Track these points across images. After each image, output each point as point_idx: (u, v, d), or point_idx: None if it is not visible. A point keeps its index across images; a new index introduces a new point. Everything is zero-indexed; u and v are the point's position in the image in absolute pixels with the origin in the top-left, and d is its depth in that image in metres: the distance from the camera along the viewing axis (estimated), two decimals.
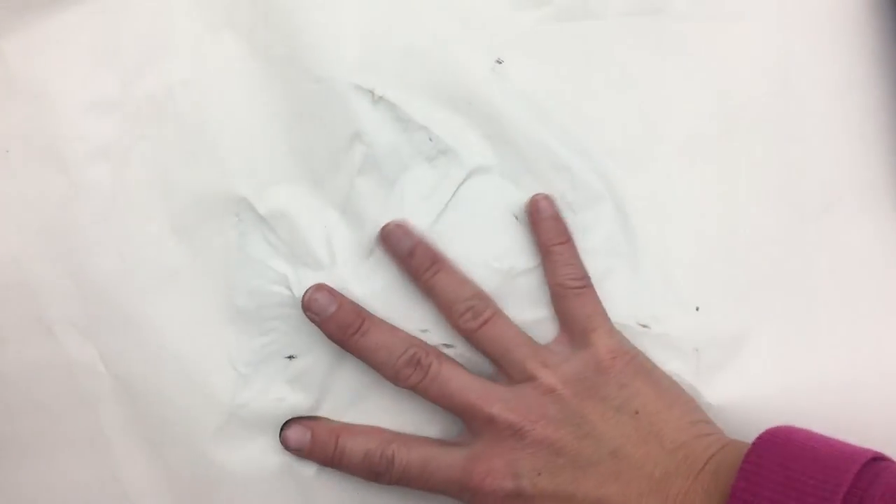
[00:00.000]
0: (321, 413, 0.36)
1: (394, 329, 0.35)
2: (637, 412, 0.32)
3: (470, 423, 0.33)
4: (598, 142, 0.36)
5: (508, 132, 0.36)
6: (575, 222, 0.36)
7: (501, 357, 0.34)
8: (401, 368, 0.33)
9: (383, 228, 0.35)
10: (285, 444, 0.35)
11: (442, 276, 0.34)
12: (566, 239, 0.35)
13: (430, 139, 0.36)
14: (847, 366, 0.35)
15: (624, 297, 0.35)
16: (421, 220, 0.36)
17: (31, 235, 0.37)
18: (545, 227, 0.35)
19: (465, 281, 0.35)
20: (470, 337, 0.34)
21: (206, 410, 0.36)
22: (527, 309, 0.35)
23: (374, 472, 0.34)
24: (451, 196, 0.36)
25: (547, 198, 0.35)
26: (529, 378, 0.33)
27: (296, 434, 0.35)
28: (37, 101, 0.37)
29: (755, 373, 0.35)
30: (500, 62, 0.36)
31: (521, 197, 0.36)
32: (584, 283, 0.35)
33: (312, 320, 0.35)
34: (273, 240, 0.36)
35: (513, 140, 0.36)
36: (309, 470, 0.35)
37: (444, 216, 0.36)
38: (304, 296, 0.35)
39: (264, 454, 0.36)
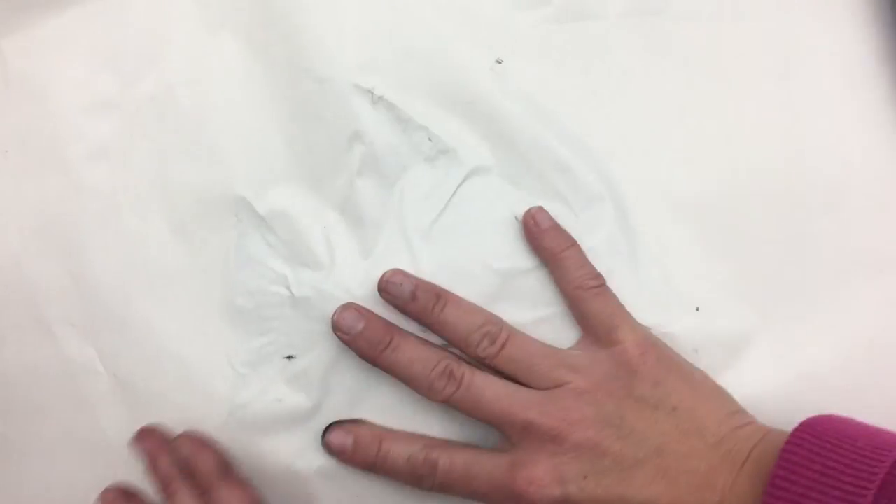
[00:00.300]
0: (321, 413, 0.36)
1: (423, 342, 0.34)
2: (675, 408, 0.32)
3: (507, 431, 0.33)
4: (598, 142, 0.36)
5: (508, 132, 0.36)
6: (575, 223, 0.36)
7: (528, 372, 0.33)
8: (434, 381, 0.33)
9: (381, 281, 0.34)
10: (328, 448, 0.35)
11: (451, 310, 0.34)
12: (572, 243, 0.35)
13: (430, 139, 0.36)
14: (848, 366, 0.35)
15: (624, 298, 0.35)
16: (420, 220, 0.36)
17: (30, 235, 0.37)
18: (550, 237, 0.35)
19: (474, 309, 0.34)
20: (491, 362, 0.33)
21: (205, 411, 0.36)
22: (527, 309, 0.35)
23: (417, 475, 0.33)
24: (451, 196, 0.36)
25: (541, 209, 0.35)
26: (561, 385, 0.33)
27: (338, 438, 0.34)
28: (36, 101, 0.37)
29: (755, 373, 0.35)
30: (499, 62, 0.36)
31: (521, 197, 0.36)
32: (601, 282, 0.34)
33: (342, 339, 0.34)
34: (272, 240, 0.36)
35: (512, 140, 0.36)
36: (308, 470, 0.35)
37: (444, 216, 0.36)
38: (332, 316, 0.34)
39: (263, 454, 0.36)
